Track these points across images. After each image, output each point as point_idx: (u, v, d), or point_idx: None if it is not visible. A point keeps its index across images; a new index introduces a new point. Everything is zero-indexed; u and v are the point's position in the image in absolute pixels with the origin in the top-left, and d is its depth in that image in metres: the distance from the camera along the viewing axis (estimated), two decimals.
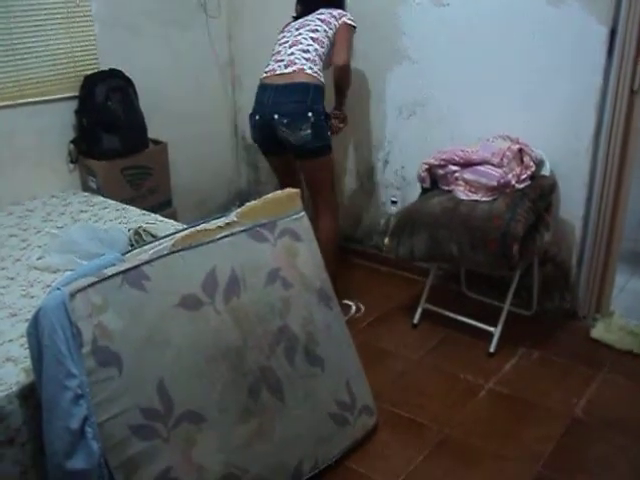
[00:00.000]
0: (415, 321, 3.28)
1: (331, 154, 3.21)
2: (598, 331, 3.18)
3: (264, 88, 3.17)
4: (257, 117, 3.18)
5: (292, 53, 3.12)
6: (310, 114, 3.01)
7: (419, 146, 3.55)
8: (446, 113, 3.43)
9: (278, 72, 3.12)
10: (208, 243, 2.02)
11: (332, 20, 3.19)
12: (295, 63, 3.09)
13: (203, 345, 1.95)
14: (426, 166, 3.12)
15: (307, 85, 3.05)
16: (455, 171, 3.03)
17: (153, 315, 1.87)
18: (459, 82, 3.35)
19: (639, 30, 2.87)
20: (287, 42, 3.20)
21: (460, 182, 3.00)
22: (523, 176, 2.95)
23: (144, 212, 3.14)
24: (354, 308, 3.37)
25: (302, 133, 3.03)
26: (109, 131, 3.36)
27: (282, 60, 3.14)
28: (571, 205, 3.19)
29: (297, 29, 3.23)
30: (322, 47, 3.14)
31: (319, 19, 3.20)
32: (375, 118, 3.71)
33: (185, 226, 2.26)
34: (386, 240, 3.11)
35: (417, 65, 3.47)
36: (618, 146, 3.03)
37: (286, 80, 3.08)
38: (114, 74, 3.44)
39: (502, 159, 2.94)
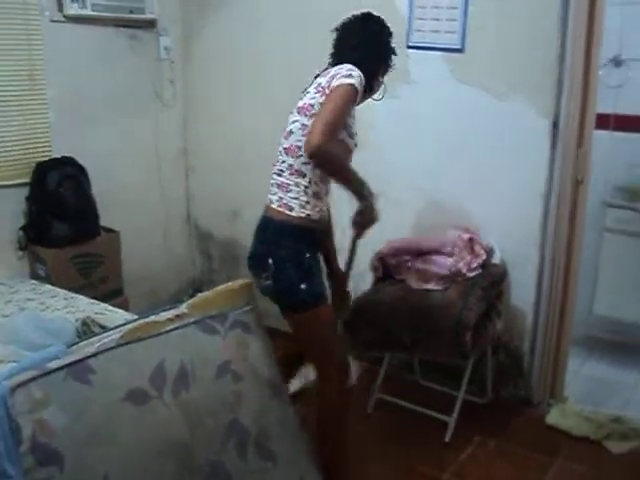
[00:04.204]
0: (369, 410, 3.24)
1: (312, 311, 2.40)
2: (553, 417, 3.19)
3: None
4: None
5: (272, 177, 2.48)
6: (270, 261, 2.35)
7: (372, 235, 3.57)
8: (398, 202, 3.47)
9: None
10: (157, 335, 1.98)
11: (316, 98, 2.33)
12: (269, 192, 2.47)
13: (150, 440, 1.88)
14: (378, 255, 3.15)
15: (268, 222, 2.42)
16: (407, 260, 3.06)
17: (98, 410, 1.80)
18: (409, 172, 3.42)
19: (579, 123, 3.00)
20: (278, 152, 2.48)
21: (412, 271, 3.03)
22: (474, 264, 2.99)
23: (93, 301, 3.08)
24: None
25: (263, 282, 2.38)
26: (60, 219, 3.33)
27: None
28: (522, 292, 3.24)
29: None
30: (297, 155, 2.36)
31: (298, 108, 2.40)
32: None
33: (135, 316, 2.22)
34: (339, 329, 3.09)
35: (365, 154, 3.54)
36: (565, 234, 3.12)
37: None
38: (67, 162, 3.45)
39: (453, 248, 2.99)
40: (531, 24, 3.01)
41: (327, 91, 2.27)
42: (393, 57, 2.52)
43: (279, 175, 2.41)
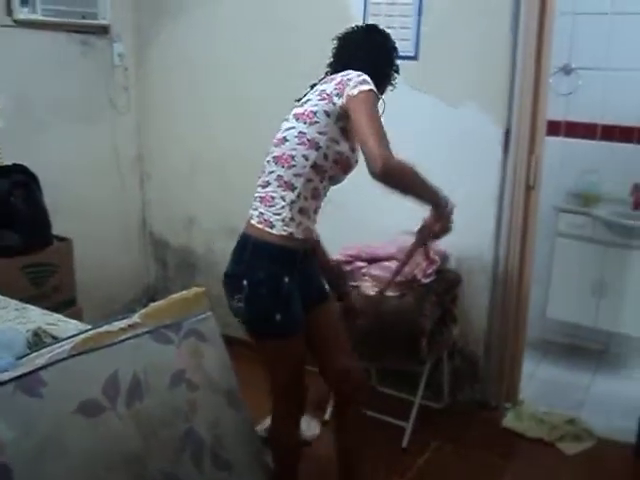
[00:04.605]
0: (326, 417, 3.23)
1: (280, 341, 2.24)
2: (509, 420, 3.23)
3: None
4: None
5: (255, 190, 2.23)
6: (245, 282, 2.14)
7: (326, 242, 3.58)
8: (352, 210, 3.48)
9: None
10: (110, 346, 1.95)
11: (320, 105, 2.13)
12: (250, 206, 2.23)
13: (103, 453, 1.85)
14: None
15: (246, 240, 2.20)
16: (362, 267, 3.07)
17: (49, 423, 1.77)
18: (359, 177, 3.42)
19: (530, 130, 3.05)
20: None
21: (367, 278, 3.03)
22: (429, 270, 3.01)
23: (45, 312, 3.01)
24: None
25: (235, 304, 2.19)
26: (10, 227, 3.26)
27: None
28: (477, 297, 3.27)
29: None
30: (289, 165, 2.14)
31: (295, 115, 2.18)
32: None
33: (88, 326, 2.18)
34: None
35: None
36: (518, 239, 3.16)
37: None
38: (17, 169, 3.37)
39: None
40: (483, 32, 3.05)
41: (335, 99, 2.10)
42: (395, 75, 2.40)
43: (264, 187, 2.18)
